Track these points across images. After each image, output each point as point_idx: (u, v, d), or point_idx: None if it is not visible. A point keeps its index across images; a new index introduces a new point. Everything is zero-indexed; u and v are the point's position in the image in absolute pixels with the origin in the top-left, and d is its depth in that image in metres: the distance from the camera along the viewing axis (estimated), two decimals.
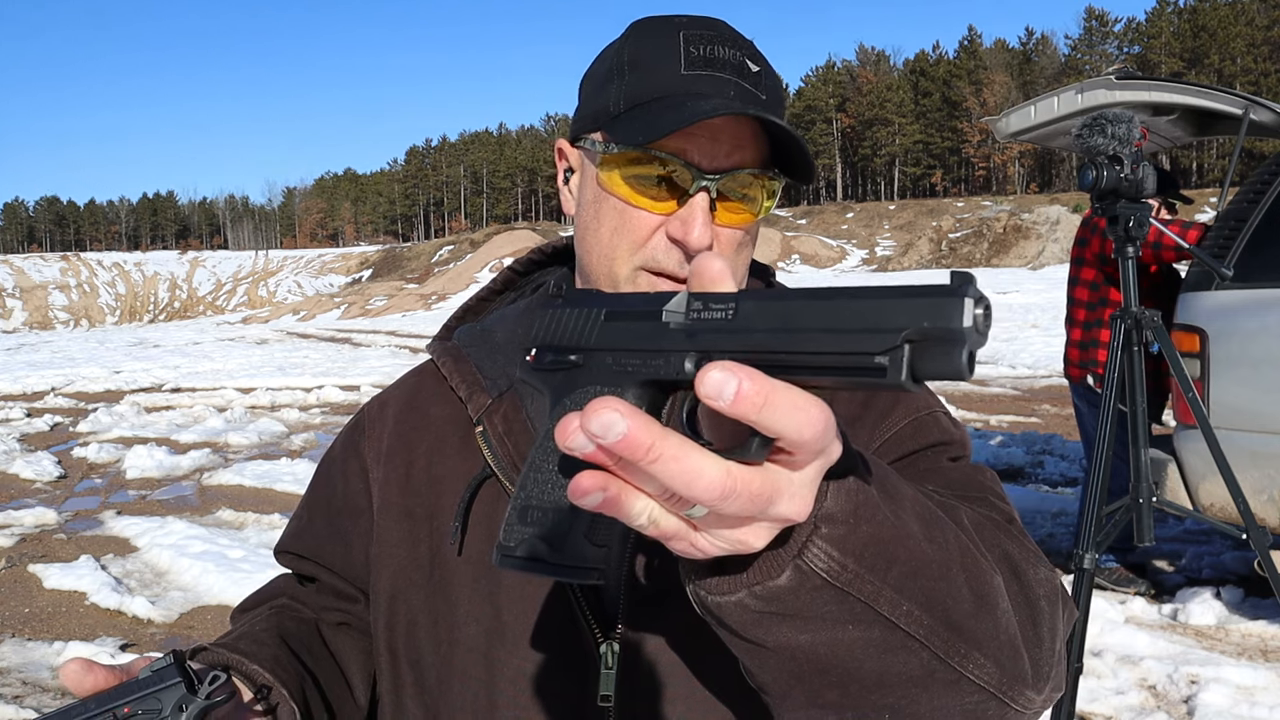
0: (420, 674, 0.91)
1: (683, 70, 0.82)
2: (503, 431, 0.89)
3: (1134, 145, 2.87)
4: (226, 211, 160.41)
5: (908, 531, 0.57)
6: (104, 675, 0.74)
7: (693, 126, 0.80)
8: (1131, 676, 3.60)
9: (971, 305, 0.42)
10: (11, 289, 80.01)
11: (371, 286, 65.06)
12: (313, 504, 1.05)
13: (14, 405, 12.38)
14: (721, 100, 0.80)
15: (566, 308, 0.57)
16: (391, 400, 1.03)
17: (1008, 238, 51.57)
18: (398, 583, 0.93)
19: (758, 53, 0.87)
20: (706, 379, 0.42)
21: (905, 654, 0.58)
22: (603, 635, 0.83)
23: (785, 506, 0.47)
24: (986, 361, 14.20)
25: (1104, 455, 2.89)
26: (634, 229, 0.84)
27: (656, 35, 0.85)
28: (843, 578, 0.54)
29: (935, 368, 0.42)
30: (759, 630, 0.55)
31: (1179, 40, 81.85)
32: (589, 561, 0.54)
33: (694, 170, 0.81)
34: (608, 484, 0.45)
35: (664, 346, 0.50)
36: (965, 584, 0.60)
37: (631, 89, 0.84)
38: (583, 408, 0.43)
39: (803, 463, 0.47)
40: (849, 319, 0.44)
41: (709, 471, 0.43)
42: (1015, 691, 0.64)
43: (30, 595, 4.98)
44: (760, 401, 0.42)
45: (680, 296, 0.50)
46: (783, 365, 0.45)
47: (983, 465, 0.87)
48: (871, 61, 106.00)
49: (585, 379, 0.54)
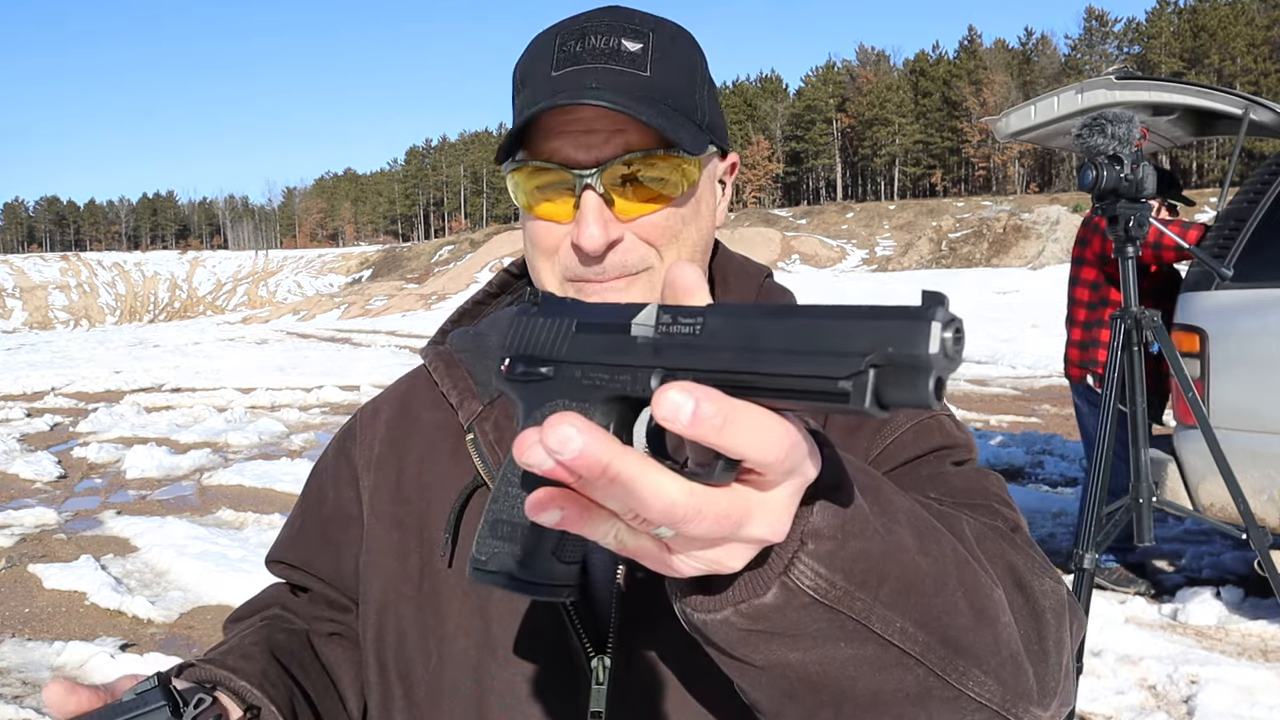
0: (409, 687, 0.89)
1: (552, 72, 0.81)
2: (494, 439, 0.87)
3: (1134, 145, 2.87)
4: (226, 211, 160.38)
5: (900, 545, 0.55)
6: (88, 697, 0.73)
7: (562, 124, 0.79)
8: (1131, 676, 3.60)
9: (939, 330, 0.40)
10: (11, 289, 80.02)
11: (371, 286, 65.07)
12: (304, 512, 1.04)
13: (14, 405, 12.37)
14: (566, 95, 0.77)
15: (540, 317, 0.55)
16: (384, 405, 1.01)
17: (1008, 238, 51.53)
18: (387, 594, 0.91)
19: (649, 30, 0.83)
20: (663, 400, 0.41)
21: (901, 671, 0.56)
22: (594, 650, 0.81)
23: (758, 528, 0.46)
24: (986, 361, 14.21)
25: (1104, 455, 2.89)
26: (545, 241, 0.84)
27: (539, 43, 0.84)
28: (831, 595, 0.52)
29: (901, 396, 0.40)
30: (747, 648, 0.54)
31: (1179, 40, 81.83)
32: (557, 579, 0.53)
33: (569, 170, 0.79)
34: (565, 501, 0.44)
35: (630, 362, 0.48)
36: (963, 598, 0.58)
37: (520, 103, 0.83)
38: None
39: (772, 483, 0.45)
40: (814, 340, 0.42)
41: (669, 491, 0.42)
42: (1020, 709, 0.62)
43: (30, 595, 4.97)
44: (719, 424, 0.41)
45: (650, 309, 0.49)
46: (746, 386, 0.43)
47: (988, 470, 0.85)
48: (871, 61, 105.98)
49: (555, 392, 0.52)
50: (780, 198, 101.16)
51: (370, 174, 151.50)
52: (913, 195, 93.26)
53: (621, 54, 0.81)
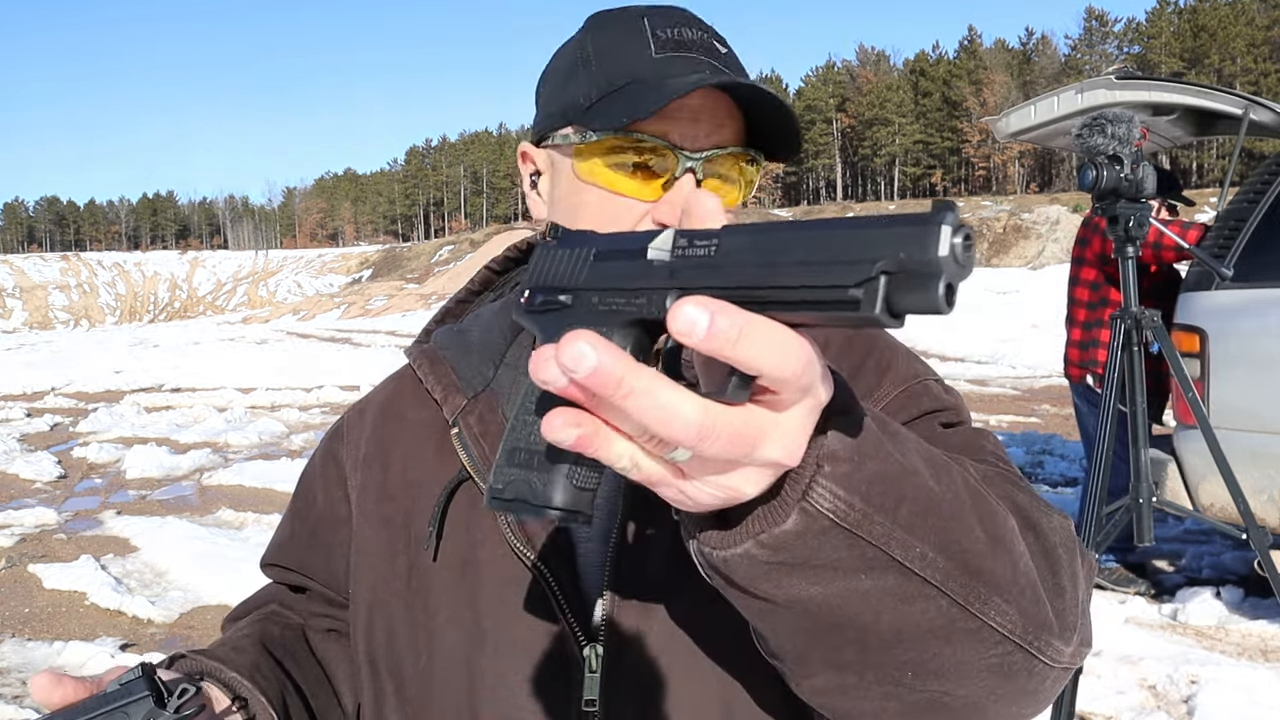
0: (400, 684, 0.89)
1: (654, 54, 0.81)
2: (478, 433, 0.87)
3: (1134, 145, 2.87)
4: (226, 211, 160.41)
5: (914, 468, 0.55)
6: (73, 688, 0.73)
7: (672, 109, 0.78)
8: (1131, 676, 3.60)
9: (949, 233, 0.40)
10: (11, 289, 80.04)
11: (371, 286, 65.06)
12: (294, 515, 1.04)
13: (14, 405, 12.38)
14: (701, 76, 0.79)
15: (560, 248, 0.56)
16: (370, 406, 1.01)
17: (1008, 238, 51.55)
18: (376, 592, 0.91)
19: (722, 37, 0.86)
20: (678, 314, 0.41)
21: (923, 602, 0.55)
22: (586, 639, 0.81)
23: (772, 449, 0.46)
24: (987, 361, 14.20)
25: (1104, 455, 2.89)
26: (618, 218, 0.82)
27: (618, 24, 0.84)
28: (850, 518, 0.52)
29: (912, 301, 0.40)
30: (768, 584, 0.53)
31: (1179, 40, 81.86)
32: (572, 504, 0.52)
33: (678, 151, 0.79)
34: (581, 420, 0.43)
35: (647, 284, 0.48)
36: (978, 524, 0.58)
37: (601, 78, 0.82)
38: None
39: (788, 402, 0.45)
40: (827, 251, 0.42)
41: (684, 409, 0.42)
42: (1041, 641, 0.61)
43: (30, 595, 4.98)
44: (734, 336, 0.41)
45: (666, 234, 0.49)
46: (762, 300, 0.43)
47: (983, 429, 0.85)
48: (871, 61, 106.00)
49: (573, 319, 0.52)
50: (780, 197, 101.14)
51: (370, 174, 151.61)
52: (913, 195, 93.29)
53: (716, 52, 0.83)
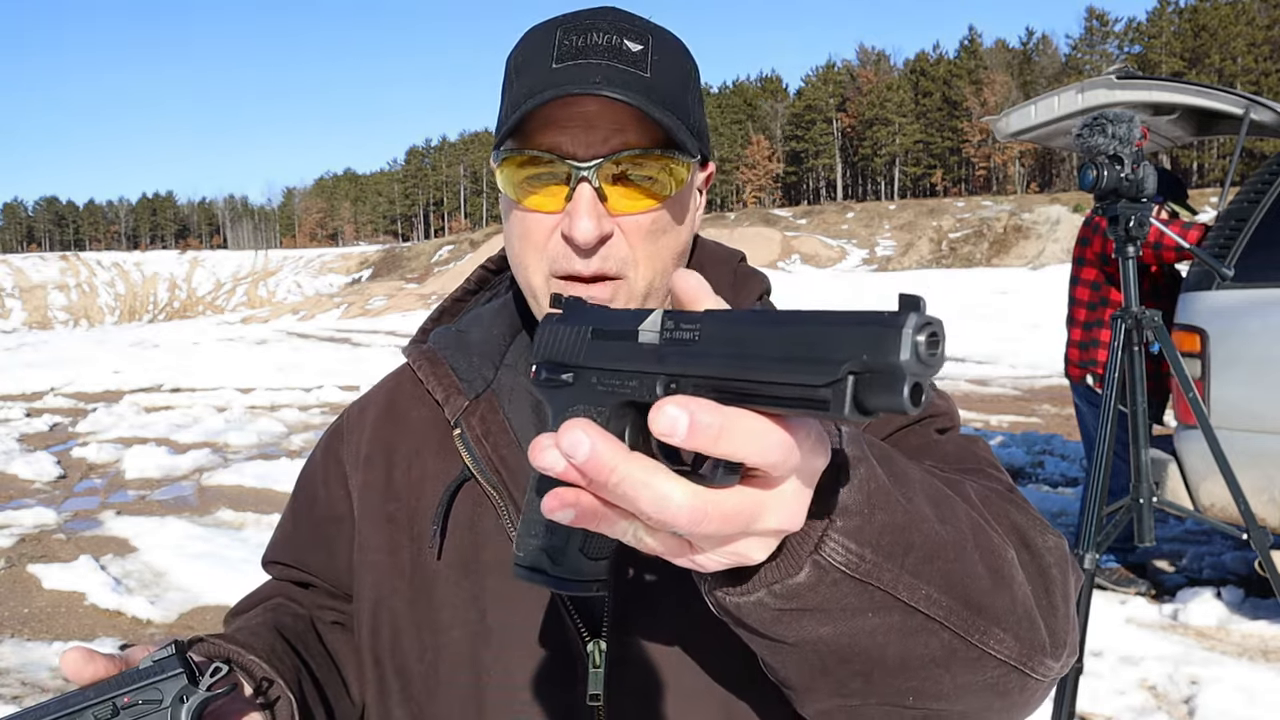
0: (406, 681, 0.90)
1: (553, 65, 0.80)
2: (480, 433, 0.88)
3: (1134, 145, 2.86)
4: (226, 211, 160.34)
5: (921, 515, 0.57)
6: (104, 664, 0.73)
7: (562, 118, 0.78)
8: (1132, 677, 3.60)
9: (910, 335, 0.39)
10: (11, 289, 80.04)
11: (371, 286, 65.05)
12: (295, 513, 1.04)
13: (14, 405, 12.36)
14: (576, 86, 0.77)
15: (562, 323, 0.58)
16: (370, 405, 1.02)
17: (1008, 238, 51.59)
18: (380, 590, 0.92)
19: (648, 33, 0.83)
20: (661, 415, 0.43)
21: (926, 636, 0.58)
22: (590, 635, 0.81)
23: (771, 520, 0.47)
24: (986, 361, 14.20)
25: (1104, 455, 2.88)
26: (533, 233, 0.83)
27: (537, 35, 0.84)
28: (861, 569, 0.54)
29: (879, 402, 0.40)
30: (780, 627, 0.55)
31: (1179, 40, 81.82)
32: (586, 574, 0.56)
33: (566, 161, 0.79)
34: (578, 500, 0.46)
35: (638, 368, 0.50)
36: (980, 561, 0.61)
37: (516, 94, 0.82)
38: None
39: (778, 480, 0.47)
40: (797, 348, 0.43)
41: (675, 495, 0.44)
42: (1035, 661, 0.64)
43: (29, 595, 4.97)
44: (714, 434, 0.43)
45: (655, 315, 0.50)
46: (741, 393, 0.45)
47: (975, 436, 0.86)
48: (871, 61, 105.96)
49: (576, 397, 0.55)
50: (780, 197, 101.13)
51: (370, 174, 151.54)
52: (913, 195, 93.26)
53: (624, 53, 0.81)
